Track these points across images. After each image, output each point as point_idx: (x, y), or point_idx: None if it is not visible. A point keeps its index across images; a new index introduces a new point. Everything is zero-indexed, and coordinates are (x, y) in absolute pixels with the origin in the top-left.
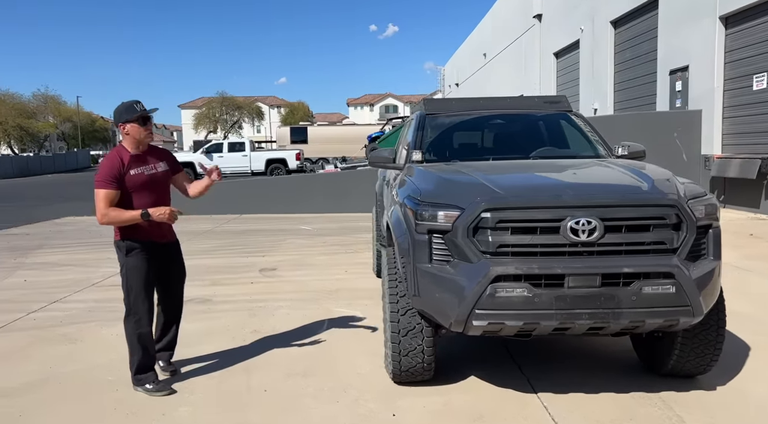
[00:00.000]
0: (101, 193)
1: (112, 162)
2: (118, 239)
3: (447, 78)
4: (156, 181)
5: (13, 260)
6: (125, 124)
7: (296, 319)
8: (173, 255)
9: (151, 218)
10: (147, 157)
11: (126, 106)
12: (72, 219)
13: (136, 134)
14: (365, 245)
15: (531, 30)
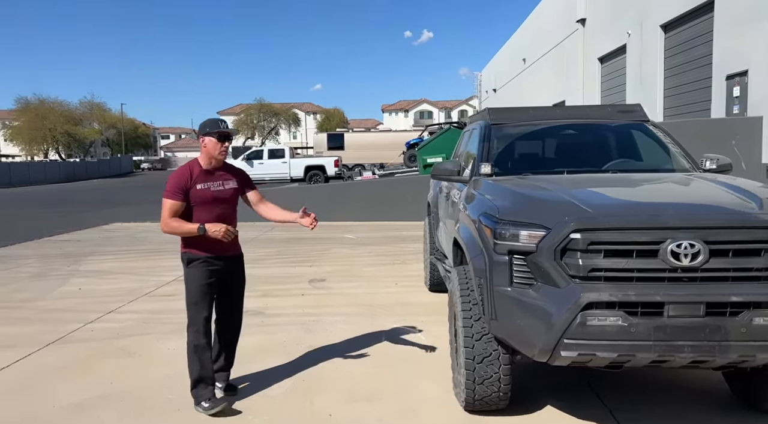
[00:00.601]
0: (167, 203)
1: (181, 174)
2: (182, 250)
3: (484, 83)
4: (221, 198)
5: (67, 267)
6: (204, 137)
7: (352, 335)
8: (234, 270)
9: (207, 233)
10: (217, 174)
11: (211, 121)
12: (120, 225)
13: (212, 149)
14: (412, 255)
15: (574, 35)
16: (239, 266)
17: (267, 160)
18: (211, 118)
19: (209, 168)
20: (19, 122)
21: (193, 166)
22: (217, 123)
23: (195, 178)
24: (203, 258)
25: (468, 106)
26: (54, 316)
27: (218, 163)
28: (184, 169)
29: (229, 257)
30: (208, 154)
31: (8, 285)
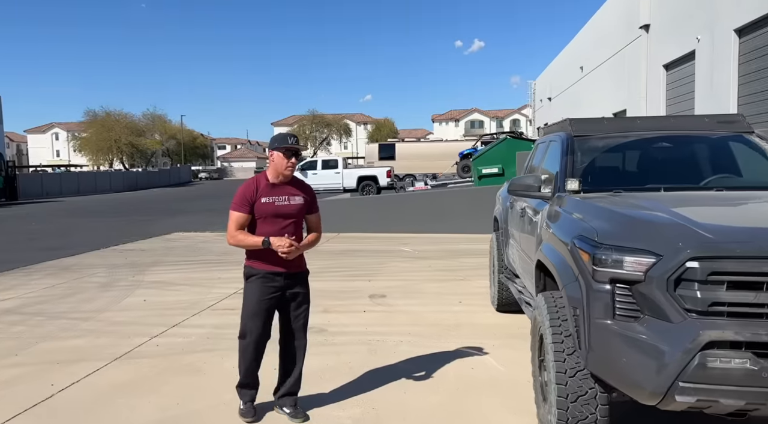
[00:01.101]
0: (233, 215)
1: (248, 187)
2: (245, 263)
3: (538, 92)
4: (285, 213)
5: (132, 277)
6: (273, 152)
7: (420, 359)
8: (296, 288)
9: (271, 246)
10: (284, 188)
11: (280, 136)
12: (181, 235)
13: (279, 163)
14: (473, 271)
15: (636, 41)
16: (302, 284)
17: (321, 170)
18: (280, 133)
19: (276, 182)
20: (87, 134)
21: (260, 180)
22: (286, 138)
23: (260, 191)
24: (263, 273)
25: (520, 115)
26: (121, 329)
27: (285, 178)
28: (251, 182)
29: (291, 274)
30: (275, 169)
31: (78, 294)
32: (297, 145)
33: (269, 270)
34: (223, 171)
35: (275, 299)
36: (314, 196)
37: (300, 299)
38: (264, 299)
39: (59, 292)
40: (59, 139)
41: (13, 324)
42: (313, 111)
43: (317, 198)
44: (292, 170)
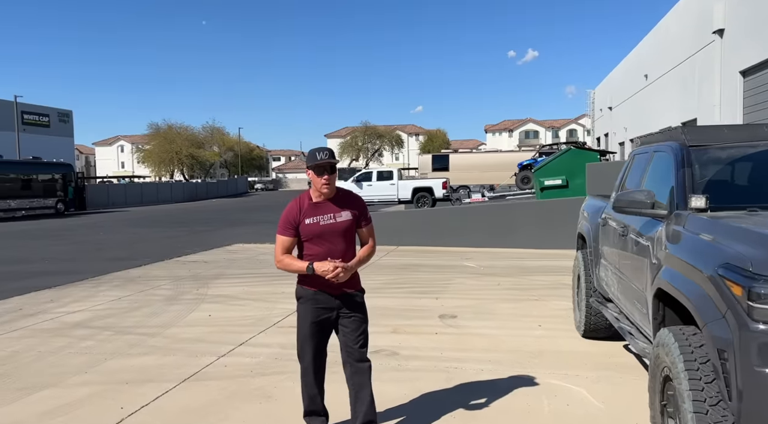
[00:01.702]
0: (278, 239)
1: (291, 209)
2: (297, 284)
3: (597, 101)
4: (332, 231)
5: (196, 290)
6: (309, 170)
7: (505, 390)
8: (350, 309)
9: (315, 272)
10: (328, 206)
11: (310, 153)
12: (241, 247)
13: (314, 182)
14: (548, 290)
15: (709, 47)
16: (356, 305)
17: (375, 182)
18: (312, 150)
19: (319, 200)
20: (150, 146)
21: (303, 200)
22: (314, 155)
23: (304, 212)
24: (312, 295)
25: (577, 125)
26: (187, 346)
27: (326, 195)
28: (294, 204)
29: (343, 295)
30: (314, 187)
31: (144, 308)
32: (328, 159)
33: (319, 291)
34: (278, 182)
35: (328, 320)
36: (364, 208)
37: (355, 320)
38: (315, 321)
39: (126, 305)
40: (124, 151)
41: (83, 339)
42: (365, 122)
43: (369, 209)
44: (329, 187)
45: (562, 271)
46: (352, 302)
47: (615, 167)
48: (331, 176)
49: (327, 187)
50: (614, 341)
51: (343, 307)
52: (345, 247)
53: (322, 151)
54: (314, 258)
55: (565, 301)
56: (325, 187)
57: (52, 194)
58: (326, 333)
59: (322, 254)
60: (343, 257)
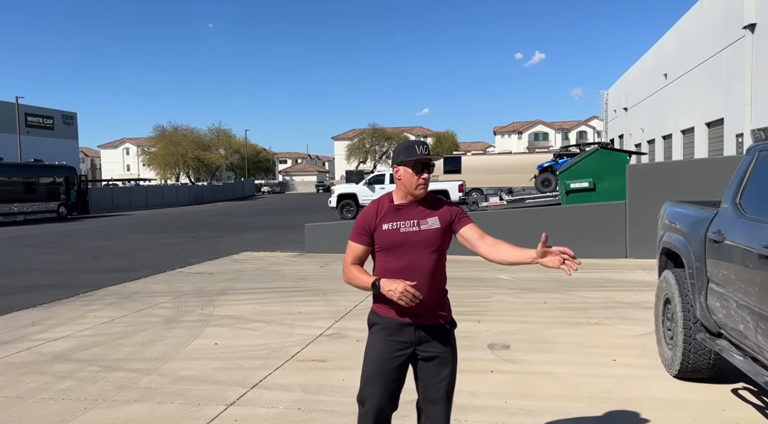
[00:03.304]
0: (349, 245)
1: (367, 211)
2: (372, 307)
3: (611, 103)
4: (413, 242)
5: (200, 309)
6: (399, 167)
7: None
8: (432, 345)
9: (381, 290)
10: (413, 210)
11: (406, 146)
12: (250, 255)
13: (407, 181)
14: (605, 311)
15: (738, 43)
16: (443, 340)
17: (388, 184)
18: (406, 142)
19: (403, 203)
20: (155, 148)
21: (382, 202)
22: (413, 147)
23: (383, 216)
24: (387, 322)
25: (587, 126)
26: (188, 388)
27: (416, 198)
28: (372, 206)
29: (426, 327)
30: (403, 188)
31: (139, 333)
32: (429, 155)
33: (396, 319)
34: (285, 185)
35: (403, 358)
36: (458, 208)
37: (440, 360)
38: (388, 358)
39: (118, 329)
40: (130, 153)
41: (62, 377)
42: (373, 124)
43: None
44: (425, 188)
45: (609, 285)
46: (438, 337)
47: (662, 169)
48: (429, 175)
49: (423, 187)
50: (716, 384)
51: (425, 342)
52: (432, 264)
53: (421, 144)
54: (389, 275)
55: (632, 325)
56: (421, 188)
57: (55, 198)
58: (400, 374)
59: (400, 270)
60: (428, 276)
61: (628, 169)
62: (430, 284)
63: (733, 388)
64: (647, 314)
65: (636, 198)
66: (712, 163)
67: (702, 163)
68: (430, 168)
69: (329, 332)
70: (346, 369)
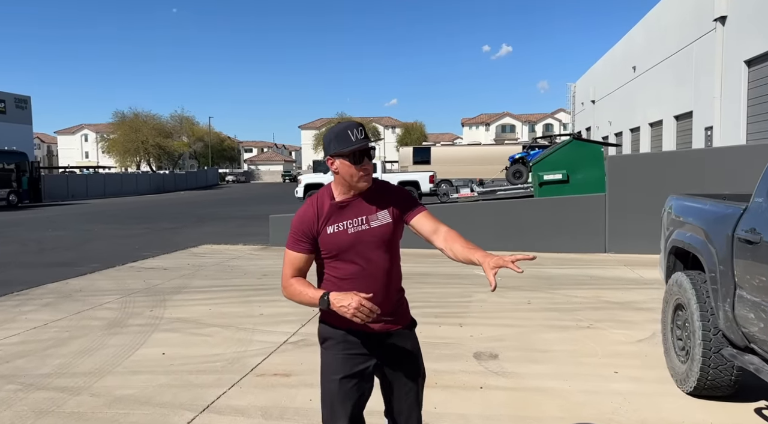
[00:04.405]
0: (287, 255)
1: (305, 214)
2: (319, 318)
3: (578, 95)
4: (364, 242)
5: (150, 311)
6: (334, 159)
7: None
8: (397, 352)
9: (331, 307)
10: (358, 206)
11: (337, 133)
12: (210, 248)
13: (346, 175)
14: (594, 312)
15: (708, 36)
16: (406, 345)
17: None
18: (336, 127)
19: (346, 199)
20: (115, 135)
21: (322, 200)
22: (347, 134)
23: (325, 217)
24: (342, 335)
25: (553, 119)
26: (123, 414)
27: (360, 191)
28: (310, 207)
29: (386, 334)
30: (343, 182)
31: (76, 340)
32: (367, 140)
33: (352, 329)
34: (250, 174)
35: (367, 372)
36: (408, 196)
37: (406, 367)
38: (349, 376)
39: (51, 335)
40: (88, 140)
41: None
42: (341, 114)
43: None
44: (369, 179)
45: (594, 283)
46: (402, 342)
47: (645, 161)
48: (371, 164)
49: (366, 179)
50: (736, 403)
51: (390, 351)
52: (387, 264)
53: (355, 128)
54: (342, 283)
55: (626, 329)
56: (363, 179)
57: (5, 185)
58: (364, 391)
59: (352, 276)
60: (385, 278)
61: (608, 160)
62: (387, 286)
63: (756, 407)
64: (639, 316)
65: (617, 191)
66: (696, 154)
67: (686, 155)
68: (371, 154)
69: (295, 338)
70: (314, 386)
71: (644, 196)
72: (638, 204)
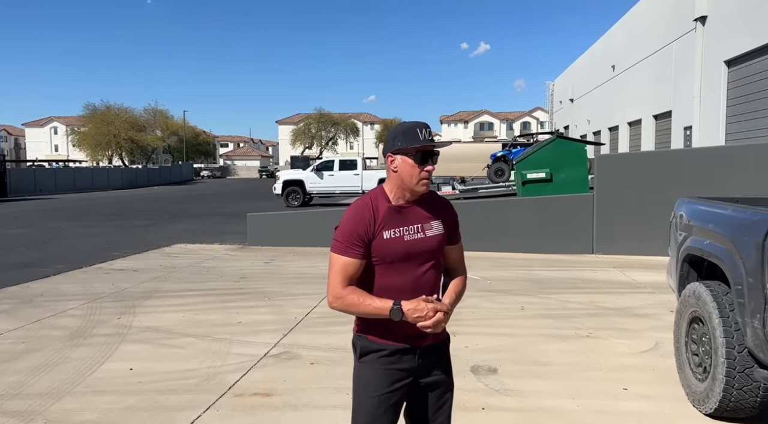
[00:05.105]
0: (335, 261)
1: (360, 214)
2: (356, 331)
3: (557, 94)
4: (418, 253)
5: (117, 318)
6: (395, 156)
7: None
8: (434, 369)
9: (405, 317)
10: (415, 212)
11: (405, 129)
12: (183, 248)
13: (406, 174)
14: (592, 319)
15: (688, 35)
16: (442, 361)
17: (338, 171)
18: (405, 124)
19: (402, 204)
20: (86, 128)
21: (377, 201)
22: (416, 132)
23: (382, 220)
24: (387, 350)
25: (531, 117)
26: None
27: (416, 196)
28: (364, 206)
29: (428, 349)
30: (400, 183)
31: (33, 353)
32: (434, 142)
33: (397, 344)
34: (226, 169)
35: (403, 390)
36: (456, 217)
37: (442, 385)
38: (388, 392)
39: (5, 348)
40: (58, 133)
41: None
42: (319, 109)
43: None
44: (428, 183)
45: (586, 286)
46: (439, 358)
47: (635, 160)
48: (432, 168)
49: (425, 183)
50: None
51: (428, 367)
52: (434, 277)
53: (424, 128)
54: (390, 294)
55: (628, 338)
56: (423, 183)
57: None
58: (399, 408)
59: (401, 289)
60: (434, 288)
61: (597, 159)
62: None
63: None
64: (639, 324)
65: (606, 191)
66: (692, 153)
67: (678, 154)
68: (434, 158)
69: (276, 350)
70: (298, 408)
71: (633, 197)
72: (627, 204)
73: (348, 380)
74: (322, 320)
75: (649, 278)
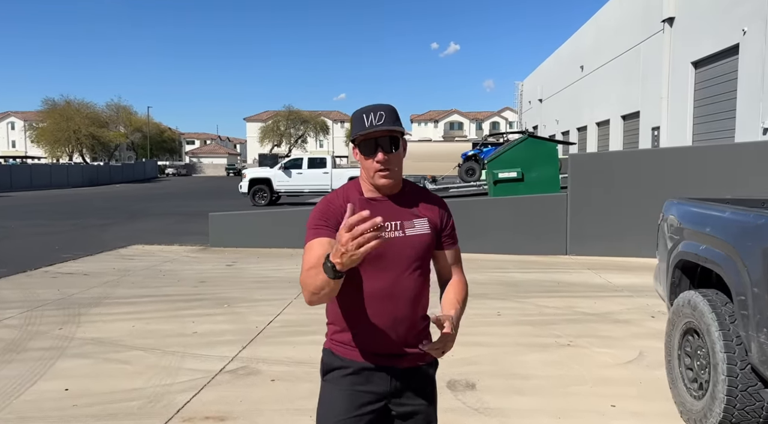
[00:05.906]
0: (310, 246)
1: (330, 203)
2: (325, 343)
3: (526, 94)
4: (397, 253)
5: (59, 329)
6: (354, 147)
7: None
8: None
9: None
10: (391, 208)
11: (356, 116)
12: (140, 249)
13: (363, 167)
14: (571, 326)
15: (656, 37)
16: (424, 388)
17: (306, 169)
18: (358, 111)
19: (376, 196)
20: (44, 123)
21: (348, 192)
22: (362, 118)
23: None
24: (351, 367)
25: (500, 117)
26: None
27: (385, 188)
28: (334, 196)
29: (405, 371)
30: (364, 175)
31: None
32: (386, 126)
33: (364, 362)
34: (192, 167)
35: (374, 415)
36: (449, 213)
37: (420, 417)
38: (354, 417)
39: None
40: (15, 128)
41: None
42: (288, 107)
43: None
44: (388, 173)
45: (562, 290)
46: (417, 382)
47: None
48: (392, 156)
49: (384, 175)
50: None
51: (403, 392)
52: (418, 286)
53: (374, 111)
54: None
55: (610, 347)
56: (381, 175)
57: None
58: None
59: (378, 296)
60: (412, 303)
61: (570, 158)
62: (413, 313)
63: None
64: (620, 330)
65: (579, 191)
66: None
67: (654, 153)
68: (390, 145)
69: (233, 364)
70: None
71: (607, 197)
72: (600, 204)
73: (312, 399)
74: (286, 330)
75: (624, 280)
